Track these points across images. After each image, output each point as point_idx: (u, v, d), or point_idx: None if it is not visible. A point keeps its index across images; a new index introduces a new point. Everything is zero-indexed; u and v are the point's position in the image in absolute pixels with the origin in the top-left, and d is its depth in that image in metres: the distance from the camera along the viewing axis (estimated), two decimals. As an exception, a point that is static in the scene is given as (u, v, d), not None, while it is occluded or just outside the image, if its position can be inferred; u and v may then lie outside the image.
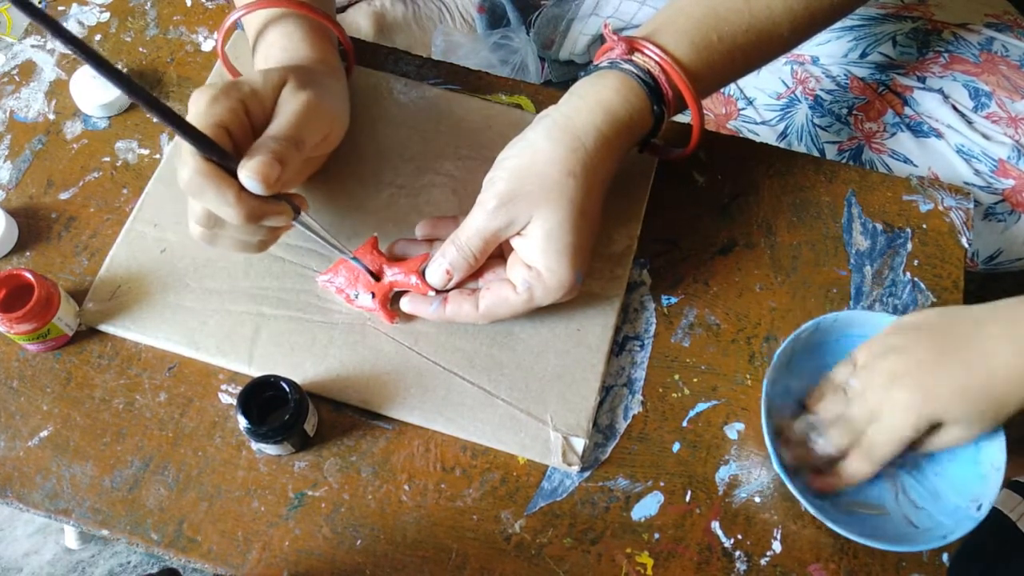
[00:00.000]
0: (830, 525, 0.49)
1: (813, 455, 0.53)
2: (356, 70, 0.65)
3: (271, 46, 0.56)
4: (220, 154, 0.45)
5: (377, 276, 0.55)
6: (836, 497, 0.53)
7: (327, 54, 0.57)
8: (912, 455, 0.54)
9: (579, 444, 0.53)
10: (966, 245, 0.62)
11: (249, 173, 0.45)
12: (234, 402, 0.53)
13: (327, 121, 0.52)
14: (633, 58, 0.53)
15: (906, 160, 0.75)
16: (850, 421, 0.52)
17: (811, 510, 0.50)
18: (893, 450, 0.50)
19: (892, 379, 0.50)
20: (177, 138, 0.44)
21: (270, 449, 0.52)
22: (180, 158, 0.45)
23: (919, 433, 0.49)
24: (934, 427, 0.50)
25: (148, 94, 0.42)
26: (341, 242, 0.53)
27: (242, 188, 0.45)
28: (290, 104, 0.49)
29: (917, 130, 0.75)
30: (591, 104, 0.51)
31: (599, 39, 1.02)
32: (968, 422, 0.49)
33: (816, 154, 0.78)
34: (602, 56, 0.56)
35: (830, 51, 0.80)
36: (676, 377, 0.57)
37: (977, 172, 0.72)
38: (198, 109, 0.47)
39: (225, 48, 0.61)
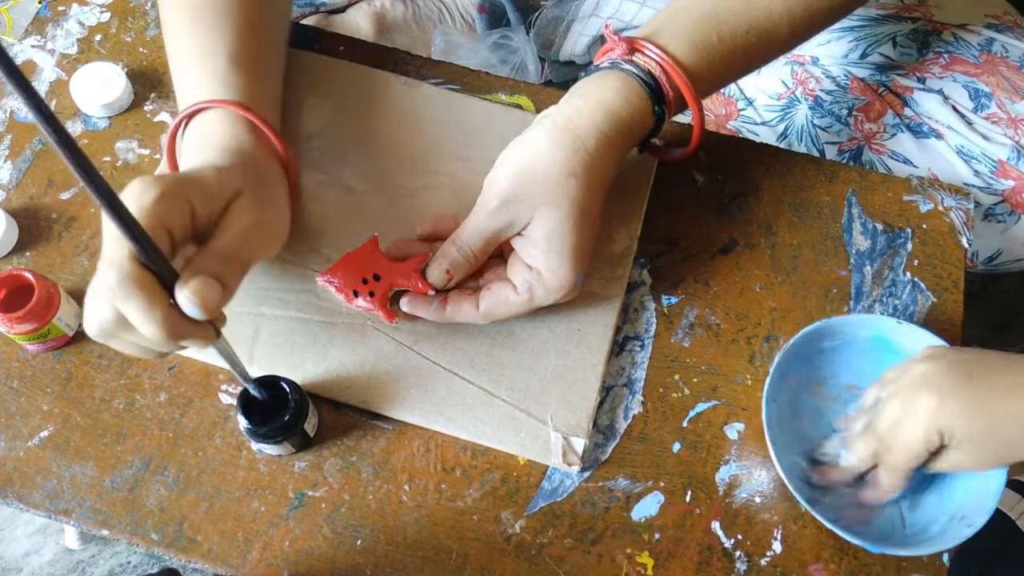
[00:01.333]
0: (826, 523, 0.50)
1: (843, 474, 0.52)
2: (356, 69, 0.65)
3: (210, 126, 0.50)
4: (161, 262, 0.39)
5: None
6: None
7: (271, 154, 0.52)
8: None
9: (579, 444, 0.53)
10: (966, 245, 0.62)
11: (191, 295, 0.39)
12: (234, 402, 0.53)
13: (274, 242, 0.48)
14: (634, 58, 0.53)
15: (906, 161, 0.75)
16: (874, 430, 0.51)
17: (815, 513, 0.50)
18: (907, 459, 0.49)
19: (921, 382, 0.49)
20: (106, 223, 0.37)
21: (270, 449, 0.52)
22: (107, 256, 0.39)
23: (931, 446, 0.48)
24: (941, 448, 0.49)
25: (99, 177, 0.34)
26: (344, 241, 0.53)
27: (172, 305, 0.40)
28: (242, 219, 0.44)
29: (917, 131, 0.75)
30: (592, 104, 0.51)
31: (599, 40, 1.02)
32: (971, 447, 0.48)
33: (816, 155, 0.78)
34: (603, 56, 0.56)
35: (830, 52, 0.80)
36: (676, 377, 0.57)
37: (977, 173, 0.72)
38: (142, 204, 0.40)
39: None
